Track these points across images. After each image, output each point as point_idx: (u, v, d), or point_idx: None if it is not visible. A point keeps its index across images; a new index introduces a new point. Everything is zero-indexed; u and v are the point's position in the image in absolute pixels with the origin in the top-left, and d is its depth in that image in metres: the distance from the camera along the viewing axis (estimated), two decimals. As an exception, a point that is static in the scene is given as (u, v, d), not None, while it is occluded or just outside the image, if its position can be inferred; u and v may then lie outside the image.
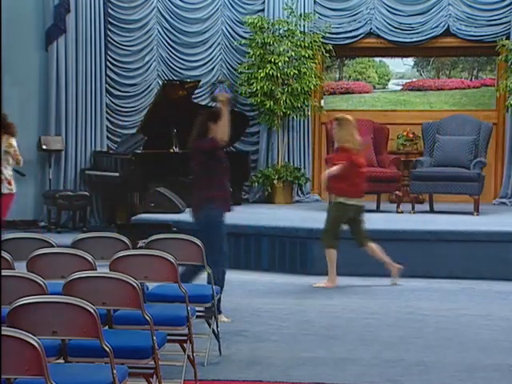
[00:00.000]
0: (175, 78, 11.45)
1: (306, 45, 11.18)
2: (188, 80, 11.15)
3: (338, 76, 12.18)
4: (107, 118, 11.52)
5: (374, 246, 7.79)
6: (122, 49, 11.58)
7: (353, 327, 6.32)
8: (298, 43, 11.17)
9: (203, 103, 11.40)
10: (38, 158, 11.05)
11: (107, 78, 11.48)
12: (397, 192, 10.21)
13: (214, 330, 5.47)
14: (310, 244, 8.49)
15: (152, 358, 4.08)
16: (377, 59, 12.14)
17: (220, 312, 6.09)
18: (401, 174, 10.47)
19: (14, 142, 8.34)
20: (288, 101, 11.13)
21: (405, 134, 11.60)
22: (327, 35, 11.39)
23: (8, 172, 8.42)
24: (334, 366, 5.27)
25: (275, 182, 11.18)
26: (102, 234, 5.68)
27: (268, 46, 11.19)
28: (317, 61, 11.41)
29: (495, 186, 11.55)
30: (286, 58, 11.07)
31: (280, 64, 11.03)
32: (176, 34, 11.67)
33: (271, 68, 11.00)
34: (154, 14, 11.63)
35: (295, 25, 11.23)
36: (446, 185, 9.90)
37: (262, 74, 11.02)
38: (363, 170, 7.87)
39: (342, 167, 7.60)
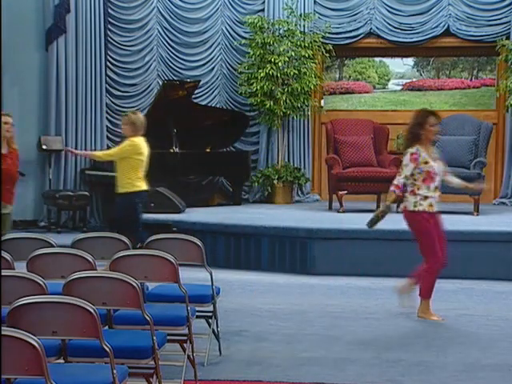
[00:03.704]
0: (175, 78, 11.45)
1: (306, 45, 11.18)
2: (188, 80, 11.15)
3: (338, 76, 12.18)
4: (107, 118, 11.52)
5: None
6: (122, 49, 11.58)
7: (353, 327, 6.32)
8: (298, 43, 11.17)
9: (203, 103, 11.42)
10: (38, 157, 11.05)
11: (107, 78, 11.48)
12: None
13: (214, 330, 5.47)
14: (310, 244, 8.49)
15: (152, 358, 4.08)
16: (377, 59, 12.14)
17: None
18: (401, 174, 10.45)
19: None
20: (288, 101, 11.13)
21: (405, 134, 11.58)
22: (327, 35, 11.39)
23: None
24: (334, 366, 5.27)
25: (275, 181, 11.18)
26: (102, 234, 5.68)
27: (268, 46, 11.18)
28: (317, 61, 11.41)
29: (495, 186, 11.55)
30: (286, 58, 11.07)
31: (280, 64, 11.03)
32: (176, 33, 11.67)
33: (271, 68, 11.00)
34: (154, 14, 11.63)
35: (295, 25, 11.23)
36: (446, 185, 9.88)
37: (262, 74, 11.02)
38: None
39: None
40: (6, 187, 7.04)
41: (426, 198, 6.48)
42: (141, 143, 7.45)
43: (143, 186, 7.55)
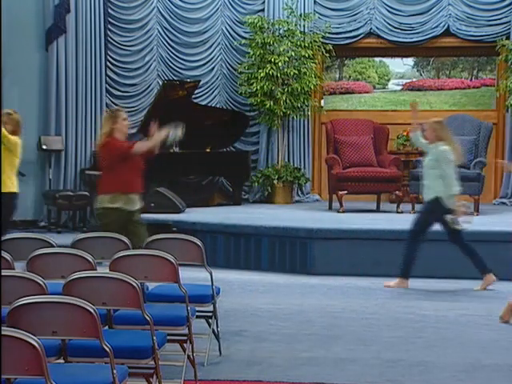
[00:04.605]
0: (175, 78, 11.45)
1: (306, 45, 11.18)
2: (188, 80, 11.15)
3: (338, 76, 12.18)
4: (107, 118, 11.50)
5: None
6: (122, 49, 11.58)
7: (353, 327, 6.32)
8: (298, 43, 11.17)
9: (203, 103, 11.42)
10: (38, 157, 11.04)
11: (107, 78, 11.48)
12: (397, 192, 10.21)
13: (214, 330, 5.47)
14: (310, 244, 8.49)
15: (152, 358, 4.08)
16: (377, 59, 12.15)
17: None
18: (401, 174, 10.47)
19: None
20: (288, 101, 11.13)
21: (405, 134, 11.59)
22: (327, 35, 11.40)
23: None
24: (334, 366, 5.27)
25: (275, 181, 11.18)
26: (102, 234, 5.67)
27: (268, 46, 11.19)
28: (317, 61, 11.41)
29: (495, 186, 11.55)
30: (286, 58, 11.07)
31: (280, 64, 11.03)
32: (176, 33, 11.67)
33: (271, 68, 11.00)
34: (154, 14, 11.63)
35: (295, 25, 11.23)
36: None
37: (262, 74, 11.02)
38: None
39: None
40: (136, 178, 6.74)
41: None
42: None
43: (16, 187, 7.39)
